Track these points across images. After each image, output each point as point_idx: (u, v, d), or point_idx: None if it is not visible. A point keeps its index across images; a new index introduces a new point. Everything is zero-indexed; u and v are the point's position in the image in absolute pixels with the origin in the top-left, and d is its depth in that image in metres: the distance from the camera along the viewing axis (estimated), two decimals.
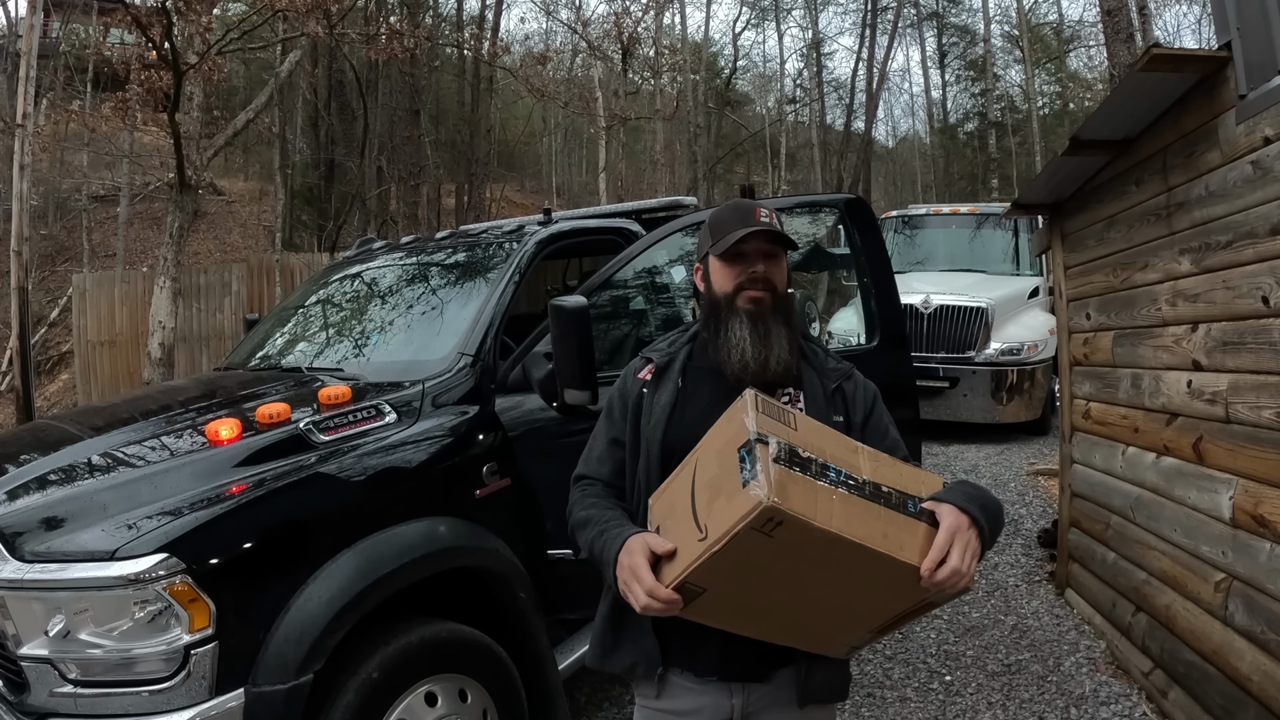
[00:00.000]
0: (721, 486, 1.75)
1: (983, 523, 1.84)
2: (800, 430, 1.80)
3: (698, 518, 1.79)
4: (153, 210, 23.78)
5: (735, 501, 1.69)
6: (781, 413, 1.81)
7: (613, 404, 2.36)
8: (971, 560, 1.79)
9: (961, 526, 1.80)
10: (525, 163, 38.82)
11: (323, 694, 2.78)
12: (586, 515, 2.18)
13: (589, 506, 2.22)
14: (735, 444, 1.75)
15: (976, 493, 1.91)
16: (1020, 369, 10.59)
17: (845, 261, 6.47)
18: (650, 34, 26.55)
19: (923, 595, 1.82)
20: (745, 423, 1.75)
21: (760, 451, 1.68)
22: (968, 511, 1.82)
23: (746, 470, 1.69)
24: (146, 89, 12.16)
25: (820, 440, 1.82)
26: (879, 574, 1.78)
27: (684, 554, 1.81)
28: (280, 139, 23.49)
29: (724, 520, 1.70)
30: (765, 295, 2.18)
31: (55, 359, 19.40)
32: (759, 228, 2.17)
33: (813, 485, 1.71)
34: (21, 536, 2.74)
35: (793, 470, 1.70)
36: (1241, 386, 3.58)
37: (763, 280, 2.19)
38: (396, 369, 3.89)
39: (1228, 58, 3.61)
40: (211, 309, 15.31)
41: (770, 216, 2.22)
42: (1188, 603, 4.03)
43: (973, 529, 1.82)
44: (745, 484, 1.68)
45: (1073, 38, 35.07)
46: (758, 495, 1.63)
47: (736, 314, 2.18)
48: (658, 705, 2.24)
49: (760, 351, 2.13)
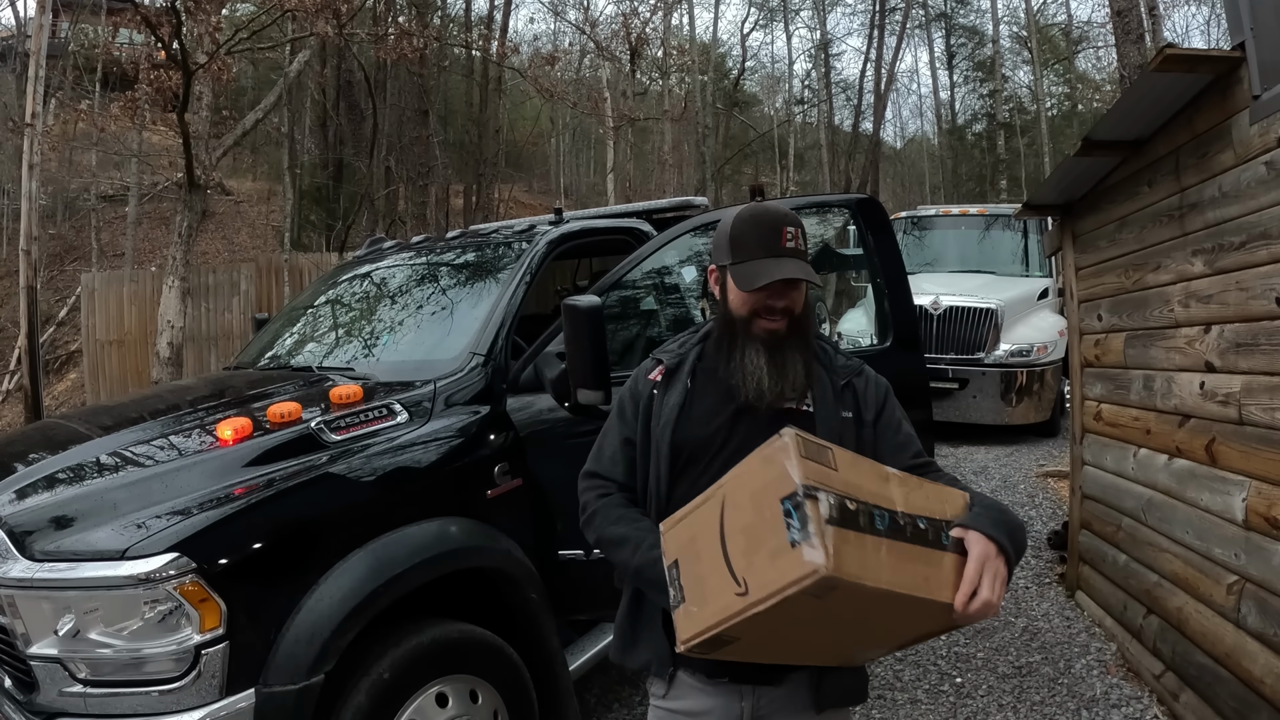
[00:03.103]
0: (763, 540, 1.67)
1: (1010, 550, 1.83)
2: (840, 468, 1.73)
3: (733, 568, 1.72)
4: (161, 210, 23.86)
5: (783, 562, 1.62)
6: (821, 451, 1.73)
7: (624, 404, 2.36)
8: (1000, 588, 1.79)
9: (990, 555, 1.79)
10: (533, 163, 38.84)
11: (334, 694, 2.78)
12: (622, 533, 2.16)
13: (617, 521, 2.20)
14: (776, 492, 1.67)
15: (1002, 516, 1.90)
16: (1030, 370, 10.56)
17: (857, 262, 6.46)
18: (658, 35, 26.57)
19: (951, 621, 1.81)
20: (789, 472, 1.66)
21: (811, 510, 1.61)
22: (995, 540, 1.81)
23: (795, 529, 1.61)
24: (155, 89, 12.15)
25: (858, 475, 1.76)
26: (914, 611, 1.77)
27: (718, 605, 1.74)
28: (289, 139, 23.52)
29: (770, 580, 1.64)
30: (781, 324, 2.16)
31: (64, 358, 19.46)
32: (789, 271, 2.11)
33: (862, 541, 1.65)
34: (31, 535, 2.74)
35: (845, 530, 1.63)
36: (1254, 388, 3.56)
37: (781, 311, 2.16)
38: (408, 368, 3.88)
39: (1241, 58, 3.59)
40: (220, 309, 15.35)
41: (797, 236, 2.17)
42: (1200, 605, 4.02)
43: (1000, 556, 1.81)
44: (795, 544, 1.60)
45: (1081, 39, 34.99)
46: (815, 562, 1.57)
47: (753, 341, 2.16)
48: (669, 705, 2.23)
49: (776, 382, 2.13)
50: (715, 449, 2.18)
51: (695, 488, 2.15)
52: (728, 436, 2.18)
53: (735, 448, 2.15)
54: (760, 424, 2.17)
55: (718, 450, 2.17)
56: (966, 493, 1.99)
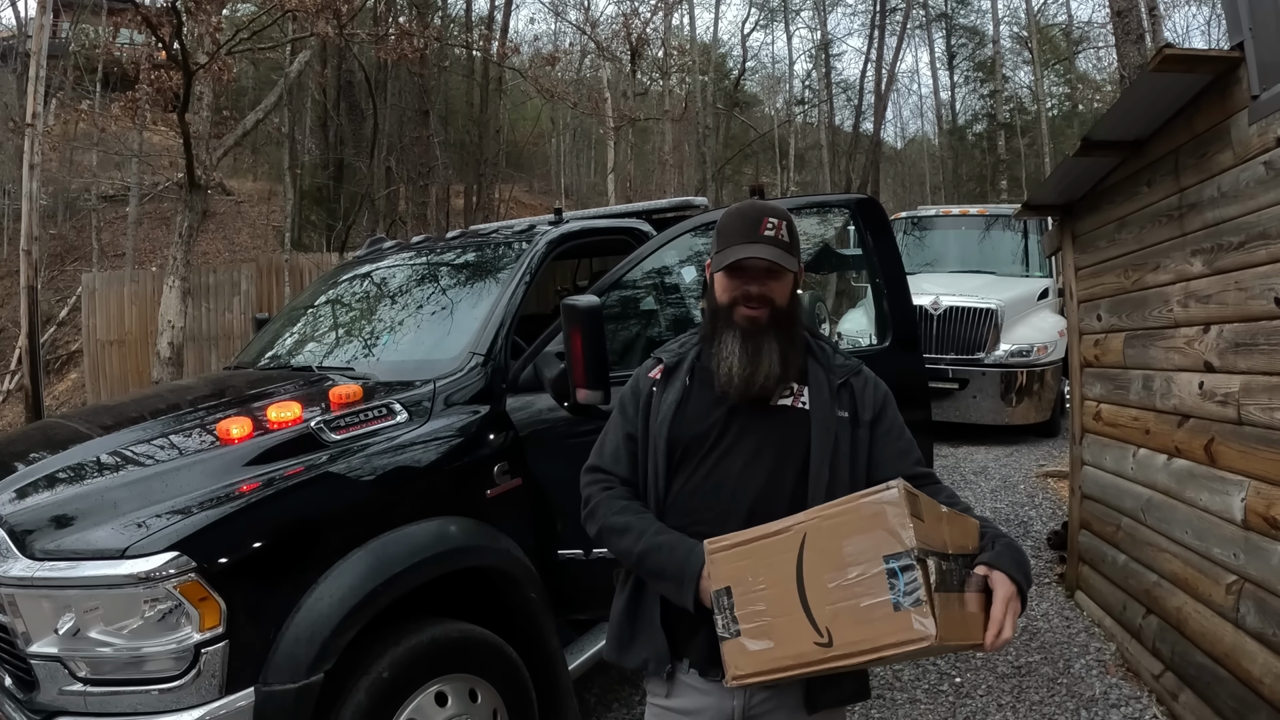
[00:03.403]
0: (858, 595, 1.67)
1: (1026, 590, 1.92)
2: (926, 519, 1.74)
3: (813, 615, 1.71)
4: (162, 210, 23.88)
5: (882, 623, 1.63)
6: (916, 504, 1.71)
7: (625, 402, 2.40)
8: (1016, 622, 1.88)
9: (1013, 596, 1.87)
10: (534, 163, 38.85)
11: (333, 693, 2.78)
12: (625, 522, 2.19)
13: (620, 511, 2.23)
14: (880, 549, 1.66)
15: (1020, 557, 1.97)
16: (1030, 370, 10.56)
17: (856, 262, 6.46)
18: (659, 35, 26.58)
19: None
20: (899, 532, 1.65)
21: (922, 575, 1.62)
22: (1017, 582, 1.90)
23: (900, 592, 1.62)
24: (156, 89, 12.16)
25: (935, 521, 1.79)
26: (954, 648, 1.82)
27: (791, 650, 1.74)
28: (289, 139, 23.55)
29: (863, 638, 1.65)
30: (761, 313, 2.19)
31: (64, 358, 19.48)
32: (757, 251, 2.16)
33: (949, 602, 1.68)
34: (31, 534, 2.74)
35: (945, 594, 1.66)
36: (1253, 388, 3.57)
37: (758, 298, 2.19)
38: (408, 368, 3.88)
39: (1240, 58, 3.60)
40: (220, 308, 15.36)
41: (779, 226, 2.20)
42: (1199, 605, 4.02)
43: (1018, 597, 1.89)
44: (898, 607, 1.61)
45: (1082, 39, 34.97)
46: (926, 631, 1.59)
47: (732, 328, 2.21)
48: (665, 703, 2.25)
49: (746, 368, 2.15)
50: (710, 444, 2.21)
51: (691, 483, 2.18)
52: (722, 432, 2.21)
53: (730, 444, 2.18)
54: (755, 421, 2.20)
55: (712, 446, 2.20)
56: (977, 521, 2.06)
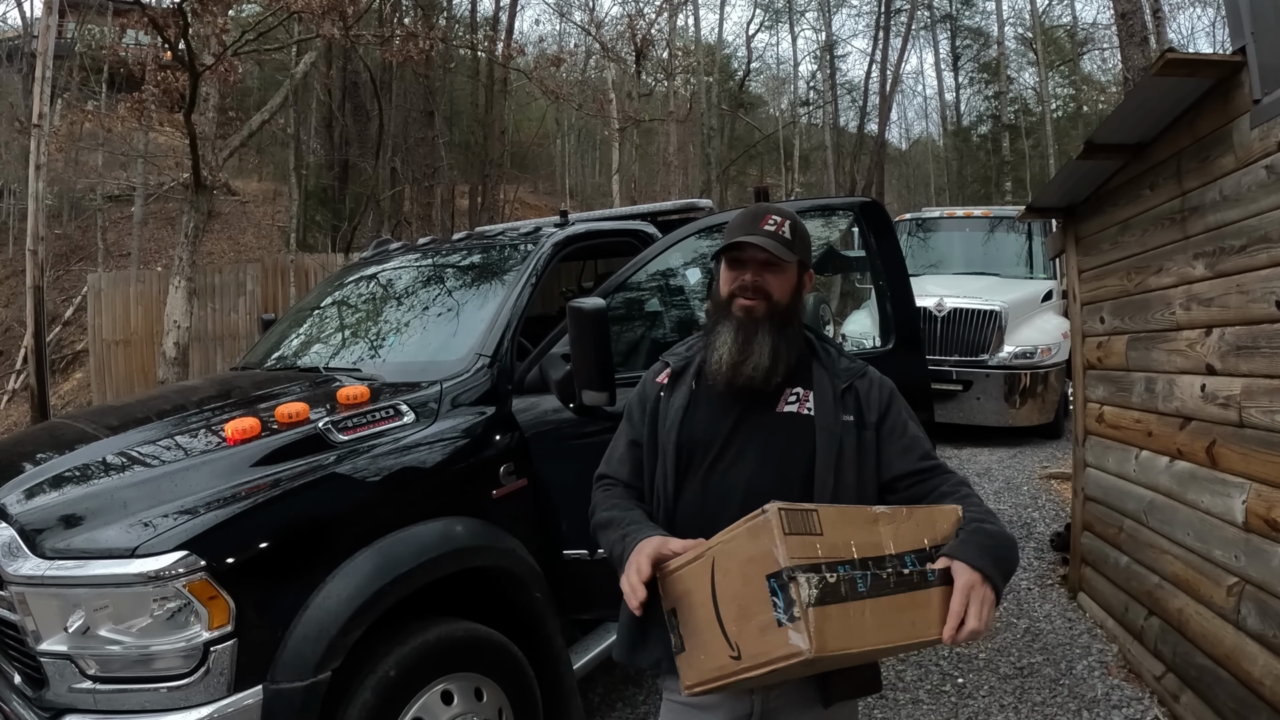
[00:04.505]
0: (752, 613, 1.75)
1: (996, 577, 1.88)
2: (826, 529, 1.77)
3: (726, 631, 1.80)
4: (167, 210, 23.90)
5: (772, 638, 1.70)
6: (805, 519, 1.77)
7: (632, 407, 2.42)
8: (988, 613, 1.84)
9: (975, 584, 1.84)
10: (539, 164, 38.88)
11: (340, 691, 2.80)
12: (609, 517, 2.25)
13: (610, 508, 2.28)
14: (762, 569, 1.73)
15: (990, 543, 1.93)
16: (1034, 372, 10.55)
17: (860, 264, 6.48)
18: (664, 36, 26.59)
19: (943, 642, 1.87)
20: (774, 551, 1.71)
21: (795, 592, 1.67)
22: (980, 569, 1.86)
23: (780, 609, 1.69)
24: (162, 90, 12.19)
25: (844, 530, 1.80)
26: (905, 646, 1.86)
27: (714, 663, 1.84)
28: (295, 140, 23.57)
29: (760, 651, 1.72)
30: (757, 304, 2.21)
31: (70, 358, 19.50)
32: (753, 237, 2.19)
33: (845, 612, 1.71)
34: (41, 534, 2.76)
35: (827, 607, 1.69)
36: (1255, 390, 3.58)
37: (753, 289, 2.21)
38: (414, 369, 3.90)
39: (1242, 62, 3.61)
40: (226, 309, 15.36)
41: (781, 224, 2.23)
42: (1200, 606, 4.03)
43: (986, 584, 1.85)
44: (781, 624, 1.68)
45: (1086, 40, 34.94)
46: (799, 646, 1.65)
47: (728, 319, 2.23)
48: (682, 700, 2.25)
49: (734, 357, 2.18)
50: (718, 450, 2.21)
51: (699, 491, 2.18)
52: (729, 439, 2.21)
53: (737, 451, 2.19)
54: (761, 428, 2.20)
55: (720, 451, 2.21)
56: (960, 506, 2.03)
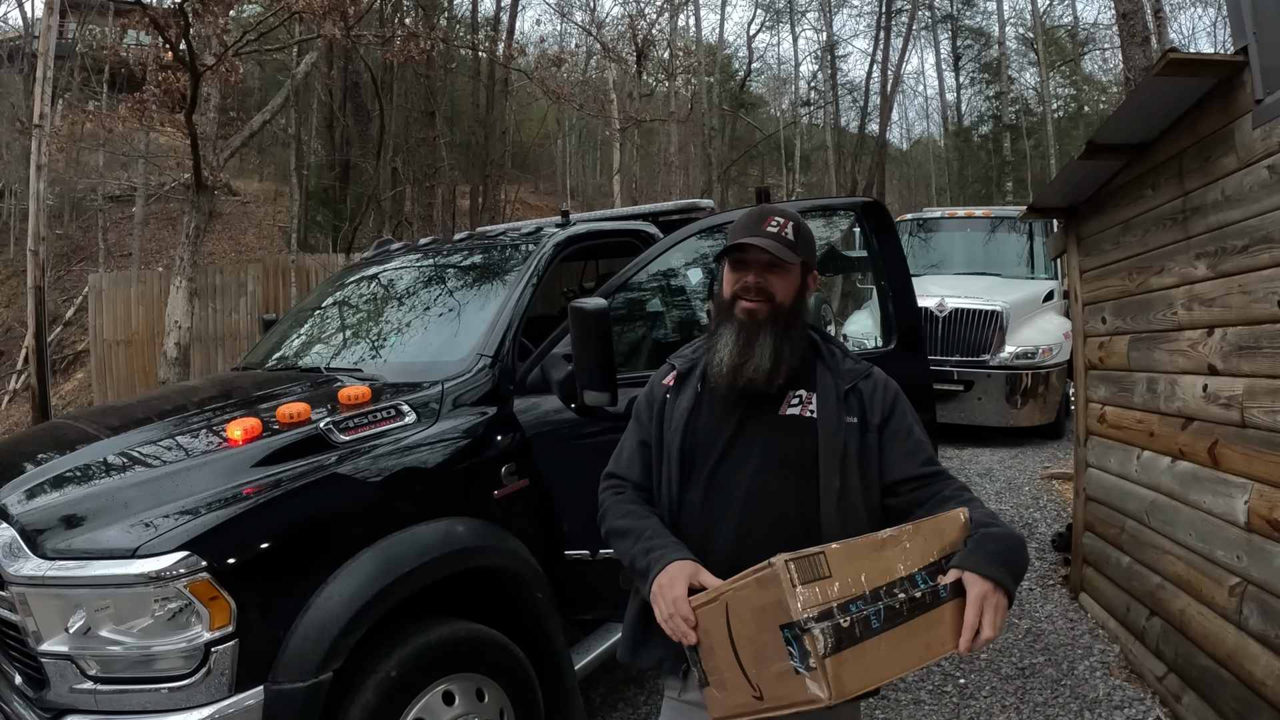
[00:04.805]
0: (768, 658, 1.76)
1: (1008, 583, 1.88)
2: (835, 570, 1.78)
3: (747, 673, 1.82)
4: (168, 210, 23.89)
5: (791, 684, 1.72)
6: (813, 565, 1.77)
7: (640, 408, 2.43)
8: (1001, 620, 1.85)
9: (987, 594, 1.84)
10: (540, 164, 38.88)
11: (342, 692, 2.80)
12: (626, 526, 2.24)
13: (625, 515, 2.27)
14: (775, 619, 1.74)
15: (998, 548, 1.93)
16: (1035, 373, 10.53)
17: (861, 265, 6.47)
18: (665, 36, 26.60)
19: None
20: (785, 604, 1.72)
21: (809, 643, 1.68)
22: (991, 577, 1.86)
23: (796, 659, 1.70)
24: (163, 90, 12.21)
25: (853, 565, 1.81)
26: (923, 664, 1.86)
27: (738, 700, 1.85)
28: (296, 140, 23.56)
29: (782, 695, 1.74)
30: (759, 306, 2.21)
31: (71, 358, 19.50)
32: (756, 238, 2.19)
33: (861, 651, 1.72)
34: (42, 534, 2.76)
35: (843, 652, 1.70)
36: (1257, 391, 3.57)
37: (756, 290, 2.21)
38: (415, 370, 3.90)
39: (1244, 62, 3.60)
40: (227, 309, 15.35)
41: (784, 226, 2.22)
42: (1202, 607, 4.03)
43: (999, 591, 1.86)
44: (798, 672, 1.70)
45: (1087, 40, 34.93)
46: (819, 695, 1.67)
47: (731, 321, 2.23)
48: (684, 699, 2.27)
49: (735, 359, 2.18)
50: (720, 453, 2.21)
51: (703, 493, 2.19)
52: (732, 441, 2.21)
53: (741, 453, 2.19)
54: (765, 430, 2.21)
55: (723, 454, 2.21)
56: (964, 509, 2.03)
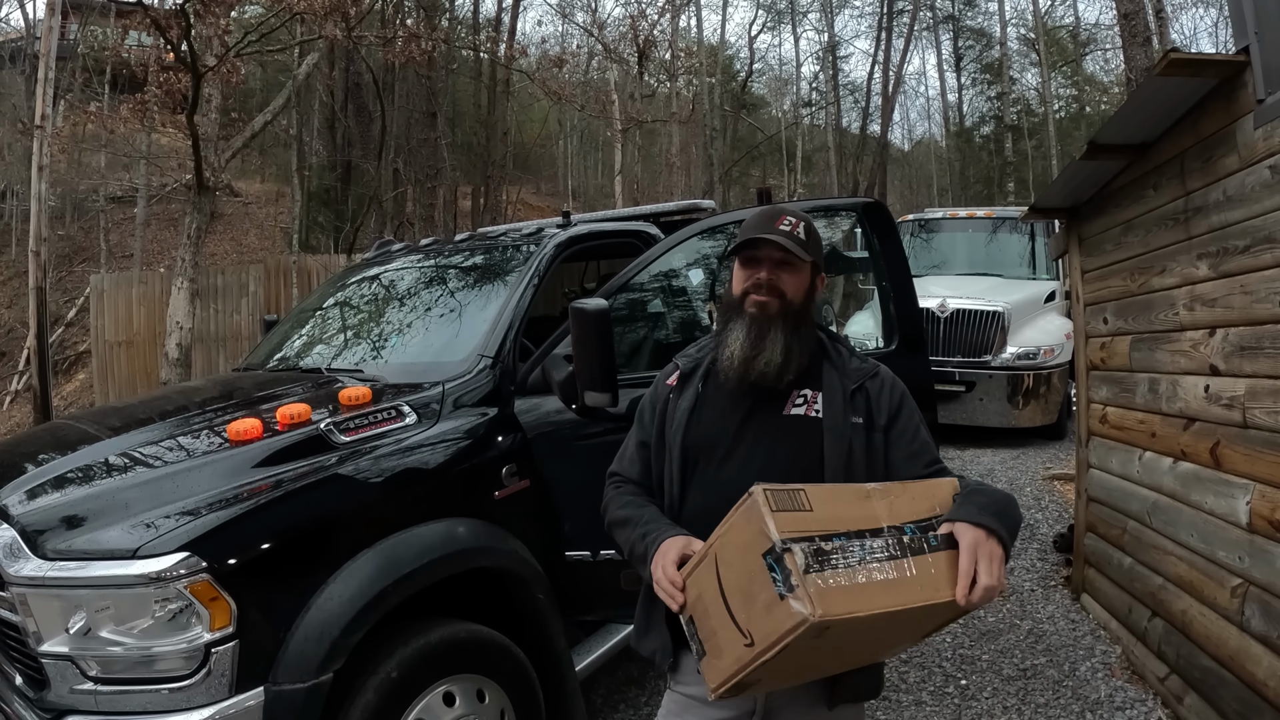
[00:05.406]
0: (756, 595, 1.77)
1: (1000, 530, 1.86)
2: (815, 508, 1.80)
3: (737, 621, 1.81)
4: (170, 211, 23.94)
5: (777, 613, 1.71)
6: (793, 497, 1.80)
7: (643, 408, 2.44)
8: (999, 569, 1.82)
9: (980, 541, 1.82)
10: (541, 165, 38.92)
11: (342, 693, 2.80)
12: (625, 515, 2.27)
13: (624, 506, 2.30)
14: (758, 549, 1.76)
15: (988, 500, 1.92)
16: (1036, 373, 10.53)
17: (863, 265, 6.46)
18: (666, 37, 26.58)
19: (960, 610, 1.85)
20: (765, 530, 1.74)
21: (790, 562, 1.69)
22: (983, 524, 1.84)
23: (779, 583, 1.71)
24: (165, 91, 12.23)
25: (835, 507, 1.82)
26: (921, 614, 1.83)
27: (732, 656, 1.84)
28: (297, 141, 23.60)
29: (769, 631, 1.73)
30: (771, 301, 2.22)
31: (72, 359, 19.52)
32: (768, 236, 2.20)
33: (850, 576, 1.73)
34: (43, 535, 2.76)
35: (825, 573, 1.70)
36: (1259, 391, 3.57)
37: (768, 286, 2.22)
38: (416, 370, 3.90)
39: (1245, 62, 3.60)
40: (229, 310, 15.36)
41: (796, 225, 2.24)
42: (1204, 608, 4.02)
43: (991, 538, 1.84)
44: (783, 597, 1.70)
45: (1089, 41, 34.96)
46: (801, 612, 1.66)
47: (741, 316, 2.24)
48: (683, 690, 2.28)
49: (746, 352, 2.19)
50: (724, 451, 2.21)
51: (705, 492, 2.19)
52: (736, 440, 2.21)
53: (744, 453, 2.19)
54: (769, 429, 2.21)
55: (726, 452, 2.21)
56: (954, 478, 2.03)
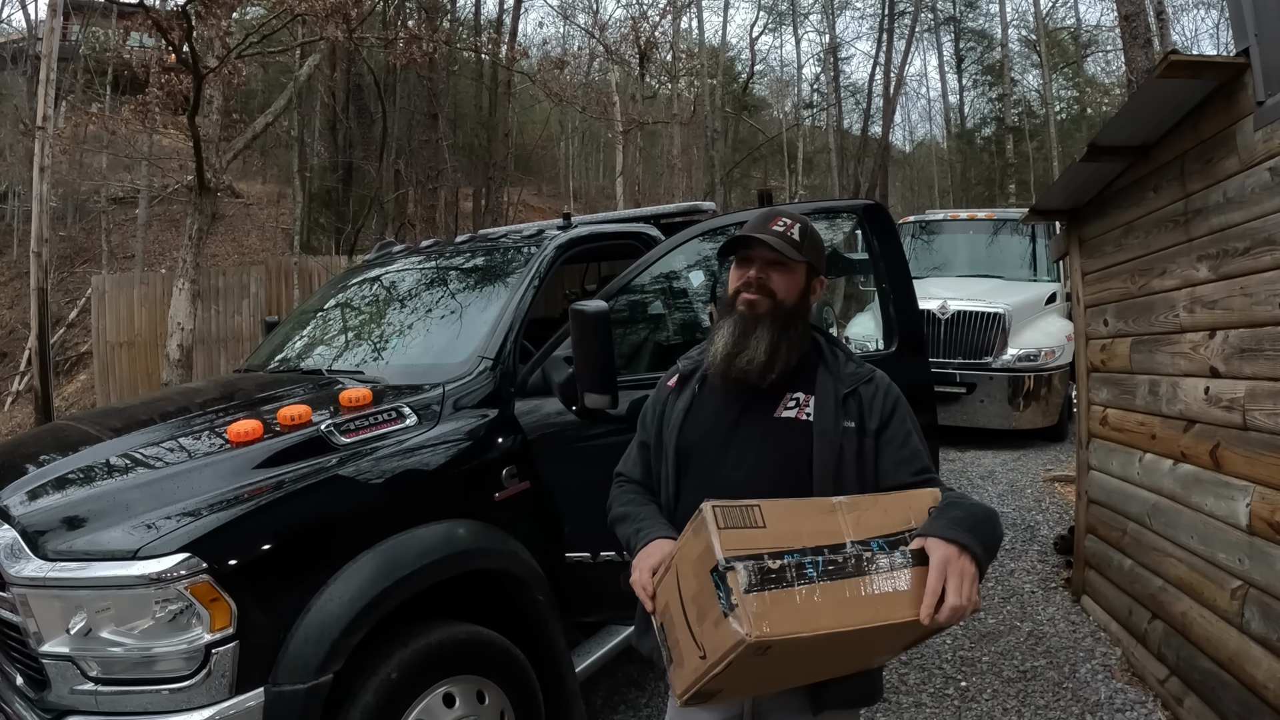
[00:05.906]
0: (707, 609, 1.77)
1: (974, 547, 1.82)
2: (769, 524, 1.79)
3: (695, 634, 1.82)
4: (171, 212, 23.94)
5: (722, 630, 1.71)
6: (745, 514, 1.79)
7: (646, 409, 2.47)
8: (969, 588, 1.78)
9: (951, 558, 1.79)
10: (542, 166, 38.91)
11: (342, 694, 2.80)
12: (624, 512, 2.32)
13: (625, 504, 2.35)
14: (706, 565, 1.76)
15: (964, 515, 1.89)
16: (1037, 375, 10.52)
17: (863, 267, 6.46)
18: (668, 38, 26.60)
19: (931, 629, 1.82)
20: (711, 545, 1.74)
21: (732, 580, 1.70)
22: (955, 540, 1.81)
23: (723, 600, 1.71)
24: (166, 92, 12.24)
25: (791, 523, 1.81)
26: (883, 633, 1.79)
27: (690, 666, 1.85)
28: (299, 142, 23.61)
29: (717, 646, 1.73)
30: (759, 299, 2.23)
31: (74, 359, 19.52)
32: (760, 235, 2.21)
33: (792, 595, 1.71)
34: (44, 535, 2.76)
35: (767, 591, 1.70)
36: (1259, 393, 3.57)
37: (757, 284, 2.23)
38: (417, 372, 3.90)
39: (1246, 64, 3.60)
40: (230, 311, 15.36)
41: (790, 226, 2.25)
42: (1204, 610, 4.02)
43: (964, 555, 1.80)
44: (725, 614, 1.70)
45: (1090, 42, 34.98)
46: (739, 632, 1.66)
47: (732, 314, 2.25)
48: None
49: (729, 348, 2.20)
50: (716, 453, 2.22)
51: (699, 488, 2.19)
52: (726, 442, 2.22)
53: (736, 452, 2.20)
54: (760, 432, 2.21)
55: (718, 454, 2.22)
56: (936, 489, 2.01)
